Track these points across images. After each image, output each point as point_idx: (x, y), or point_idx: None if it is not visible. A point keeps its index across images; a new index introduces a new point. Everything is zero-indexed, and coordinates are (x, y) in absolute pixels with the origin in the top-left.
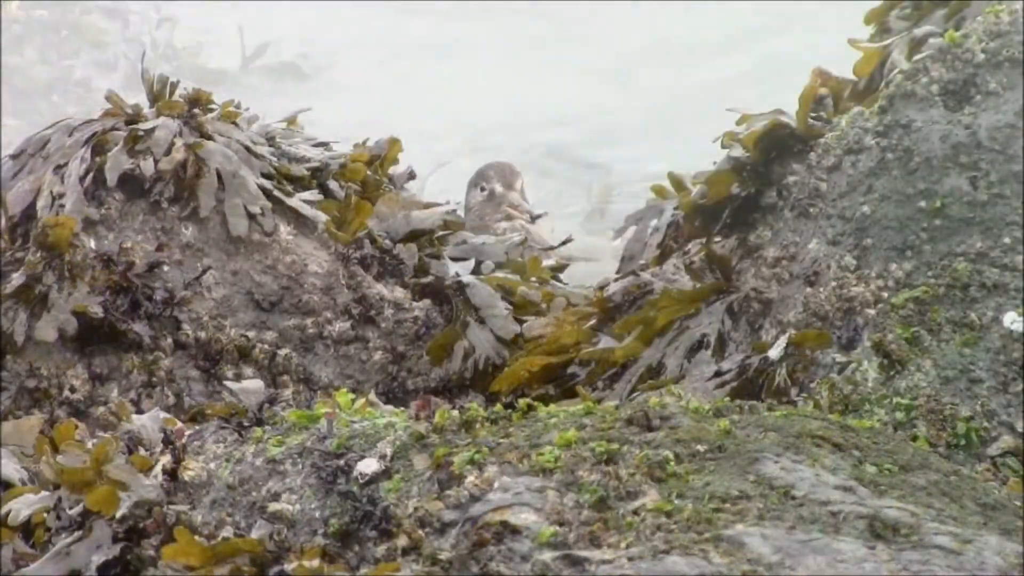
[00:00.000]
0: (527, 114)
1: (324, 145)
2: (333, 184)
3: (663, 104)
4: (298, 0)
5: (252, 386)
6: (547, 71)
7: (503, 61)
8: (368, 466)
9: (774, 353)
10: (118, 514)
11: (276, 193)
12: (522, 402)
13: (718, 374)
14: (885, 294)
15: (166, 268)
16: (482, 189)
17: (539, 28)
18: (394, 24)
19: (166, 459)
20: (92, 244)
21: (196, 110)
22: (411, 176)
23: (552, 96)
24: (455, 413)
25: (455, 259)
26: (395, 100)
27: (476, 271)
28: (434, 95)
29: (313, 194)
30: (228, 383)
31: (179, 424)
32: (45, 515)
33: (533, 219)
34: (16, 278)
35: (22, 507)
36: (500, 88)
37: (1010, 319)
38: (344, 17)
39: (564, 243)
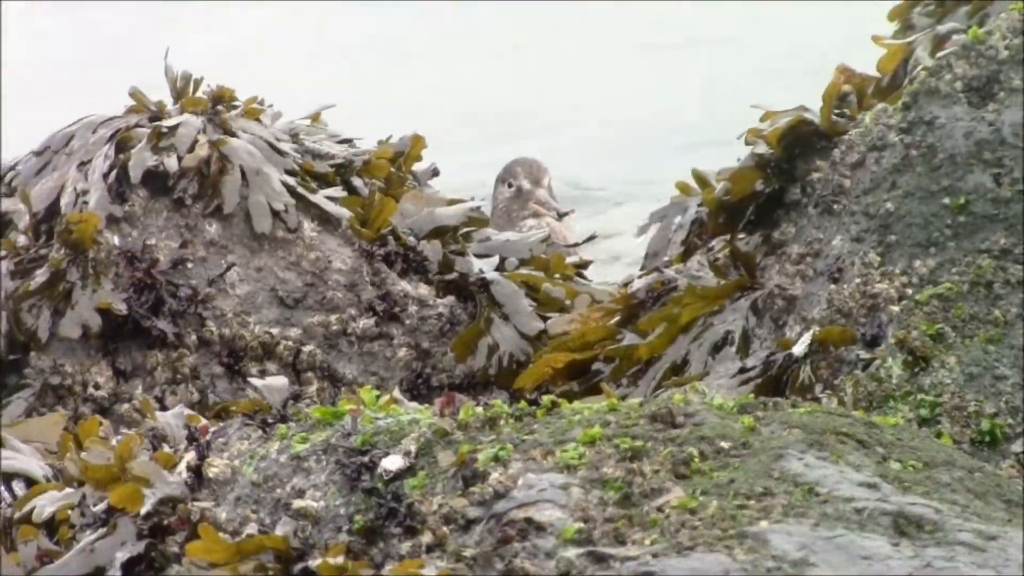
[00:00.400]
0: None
1: (348, 142)
2: (357, 181)
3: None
4: (309, 0)
5: (276, 383)
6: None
7: (509, 50)
8: (393, 463)
9: (798, 350)
10: (142, 511)
11: (300, 190)
12: (546, 399)
13: (742, 371)
14: (909, 291)
15: (190, 265)
16: (509, 185)
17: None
18: (394, 20)
19: (190, 456)
20: (116, 241)
21: (220, 107)
22: (435, 173)
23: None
24: (479, 410)
25: (479, 256)
26: (400, 96)
27: (500, 268)
28: (442, 86)
29: (337, 191)
30: (252, 380)
31: (203, 421)
32: (69, 512)
33: (560, 216)
34: (40, 275)
35: (46, 504)
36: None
37: None
38: (350, 15)
39: (588, 240)
